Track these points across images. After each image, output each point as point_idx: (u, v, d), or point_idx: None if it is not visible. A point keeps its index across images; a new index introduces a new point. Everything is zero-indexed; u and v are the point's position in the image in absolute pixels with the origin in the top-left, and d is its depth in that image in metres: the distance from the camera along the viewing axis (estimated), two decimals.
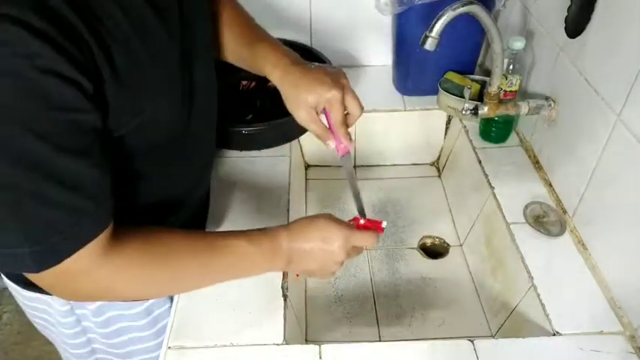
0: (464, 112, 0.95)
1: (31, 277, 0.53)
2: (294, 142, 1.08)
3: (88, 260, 0.53)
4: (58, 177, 0.47)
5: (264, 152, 1.02)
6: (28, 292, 0.77)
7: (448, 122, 1.16)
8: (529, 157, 1.00)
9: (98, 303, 0.77)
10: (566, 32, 0.82)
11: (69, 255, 0.51)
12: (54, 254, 0.50)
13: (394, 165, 1.21)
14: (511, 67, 0.94)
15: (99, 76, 0.48)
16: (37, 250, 0.49)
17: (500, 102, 0.94)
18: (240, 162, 1.00)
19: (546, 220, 0.87)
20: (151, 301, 0.80)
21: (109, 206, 0.54)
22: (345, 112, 0.73)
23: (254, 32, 0.80)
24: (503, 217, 0.89)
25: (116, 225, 0.56)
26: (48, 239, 0.49)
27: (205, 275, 0.64)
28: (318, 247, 0.65)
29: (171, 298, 0.81)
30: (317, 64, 0.76)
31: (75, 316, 0.79)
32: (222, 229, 0.87)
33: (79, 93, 0.46)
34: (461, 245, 1.06)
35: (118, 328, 0.81)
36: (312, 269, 0.68)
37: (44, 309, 0.81)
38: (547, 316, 0.74)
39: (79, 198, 0.49)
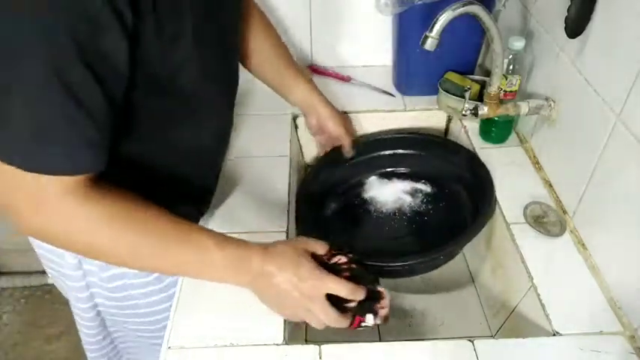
0: (464, 112, 0.95)
1: (13, 195, 0.54)
2: (294, 142, 1.08)
3: (73, 193, 0.54)
4: (78, 98, 0.50)
5: (265, 152, 1.02)
6: (45, 245, 0.79)
7: (448, 122, 1.16)
8: (529, 157, 1.00)
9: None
10: (566, 32, 0.82)
11: (62, 172, 0.53)
12: (50, 161, 0.52)
13: None
14: (511, 67, 0.94)
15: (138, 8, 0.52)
16: (36, 151, 0.51)
17: (501, 102, 0.94)
18: (241, 162, 1.00)
19: (546, 220, 0.87)
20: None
21: (106, 151, 0.56)
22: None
23: (285, 57, 0.96)
24: (503, 217, 0.89)
25: (107, 178, 0.58)
26: (52, 146, 0.51)
27: (161, 262, 0.63)
28: (288, 280, 0.62)
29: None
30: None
31: (82, 271, 0.80)
32: (222, 229, 0.87)
33: (121, 25, 0.50)
34: None
35: (122, 283, 0.82)
36: (272, 304, 0.67)
37: (58, 262, 0.82)
38: (547, 316, 0.74)
39: (91, 124, 0.52)
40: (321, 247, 0.66)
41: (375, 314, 0.65)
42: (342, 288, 0.63)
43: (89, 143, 0.54)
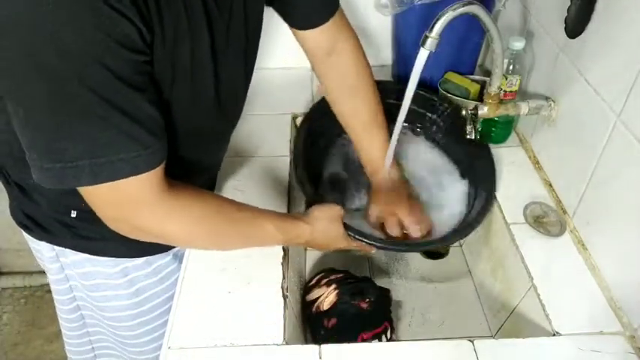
0: (464, 112, 0.95)
1: (92, 200, 0.59)
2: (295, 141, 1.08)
3: (149, 191, 0.59)
4: (120, 105, 0.53)
5: (265, 152, 1.02)
6: (28, 235, 0.83)
7: None
8: (529, 157, 1.00)
9: (79, 256, 0.81)
10: (566, 32, 0.82)
11: (125, 176, 0.56)
12: (111, 171, 0.55)
13: None
14: (511, 67, 0.94)
15: (153, 31, 0.55)
16: (97, 164, 0.54)
17: (501, 102, 0.93)
18: (241, 162, 1.00)
19: (546, 220, 0.87)
20: (127, 264, 0.83)
21: (163, 144, 0.59)
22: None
23: (377, 117, 0.91)
24: (503, 217, 0.89)
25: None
26: (108, 156, 0.54)
27: (238, 242, 0.76)
28: (327, 244, 0.82)
29: (150, 265, 0.85)
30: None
31: (59, 263, 0.83)
32: None
33: (141, 38, 0.53)
34: (461, 245, 1.06)
35: (96, 283, 0.84)
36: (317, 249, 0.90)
37: (39, 256, 0.86)
38: (547, 316, 0.74)
39: (137, 127, 0.55)
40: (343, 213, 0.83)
41: None
42: (355, 247, 0.85)
43: (142, 143, 0.56)
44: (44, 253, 0.83)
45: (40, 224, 0.80)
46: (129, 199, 0.59)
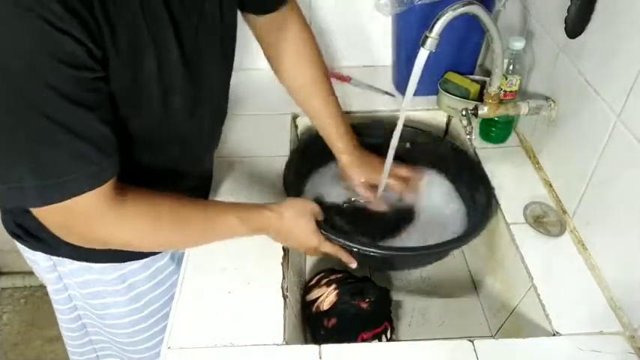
0: (464, 112, 0.95)
1: (42, 217, 0.58)
2: (294, 142, 1.08)
3: (97, 206, 0.58)
4: (66, 124, 0.52)
5: (264, 152, 1.02)
6: (22, 246, 0.83)
7: (448, 122, 1.16)
8: (529, 157, 1.00)
9: (76, 264, 0.80)
10: (566, 32, 0.82)
11: (72, 196, 0.55)
12: (57, 192, 0.55)
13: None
14: (511, 67, 0.94)
15: (104, 45, 0.54)
16: (42, 186, 0.54)
17: (501, 102, 0.94)
18: (240, 162, 1.00)
19: (546, 220, 0.87)
20: (125, 270, 0.83)
21: (113, 160, 0.58)
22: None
23: (332, 103, 0.94)
24: (503, 217, 0.89)
25: (124, 180, 0.61)
26: (53, 177, 0.53)
27: (198, 240, 0.76)
28: (297, 239, 0.79)
29: (149, 268, 0.85)
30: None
31: (57, 273, 0.83)
32: None
33: (89, 55, 0.52)
34: None
35: (95, 290, 0.84)
36: (291, 247, 0.84)
37: (35, 267, 0.86)
38: (547, 316, 0.74)
39: (84, 146, 0.55)
40: (320, 215, 0.82)
41: None
42: (335, 253, 0.83)
43: (87, 160, 0.56)
44: (41, 263, 0.82)
45: (34, 234, 0.79)
46: (78, 216, 0.59)
